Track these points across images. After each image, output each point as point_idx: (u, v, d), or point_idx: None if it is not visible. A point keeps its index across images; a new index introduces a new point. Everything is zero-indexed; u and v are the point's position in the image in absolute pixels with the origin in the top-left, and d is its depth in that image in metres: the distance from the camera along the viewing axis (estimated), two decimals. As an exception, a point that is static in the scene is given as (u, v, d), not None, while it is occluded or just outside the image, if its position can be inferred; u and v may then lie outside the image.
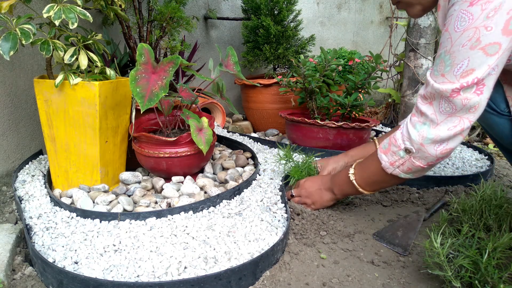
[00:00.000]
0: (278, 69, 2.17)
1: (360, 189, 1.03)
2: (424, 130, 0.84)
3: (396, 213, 1.16)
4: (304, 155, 1.30)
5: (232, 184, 1.26)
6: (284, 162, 1.31)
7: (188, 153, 1.24)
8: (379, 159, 0.95)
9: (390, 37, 2.22)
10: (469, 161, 1.60)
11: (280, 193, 1.21)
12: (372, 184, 1.01)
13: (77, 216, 1.07)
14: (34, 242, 0.96)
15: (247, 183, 1.26)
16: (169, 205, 1.14)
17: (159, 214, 1.05)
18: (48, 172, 1.30)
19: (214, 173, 1.39)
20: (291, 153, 1.30)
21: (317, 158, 1.51)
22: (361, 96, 1.63)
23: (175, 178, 1.27)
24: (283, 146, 1.63)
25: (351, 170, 1.04)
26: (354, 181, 1.03)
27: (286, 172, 1.29)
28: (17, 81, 1.44)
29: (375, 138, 1.24)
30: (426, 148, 0.85)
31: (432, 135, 0.84)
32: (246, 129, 2.09)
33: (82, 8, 1.06)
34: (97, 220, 1.04)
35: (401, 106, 2.10)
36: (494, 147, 1.93)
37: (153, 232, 0.99)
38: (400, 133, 0.90)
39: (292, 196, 1.17)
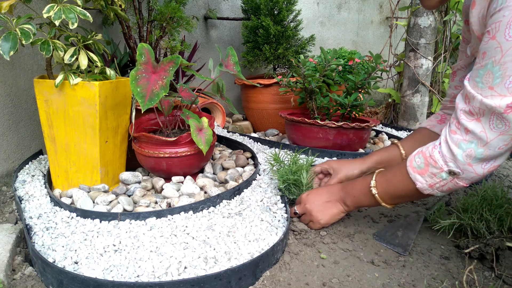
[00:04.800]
0: (278, 69, 2.17)
1: (382, 203, 0.96)
2: (472, 149, 0.77)
3: (396, 213, 1.16)
4: (305, 156, 1.30)
5: (232, 184, 1.26)
6: (276, 168, 1.30)
7: (188, 153, 1.24)
8: (413, 180, 0.87)
9: (390, 37, 2.22)
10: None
11: (280, 193, 1.21)
12: (396, 198, 0.94)
13: (77, 216, 1.07)
14: (34, 242, 0.96)
15: (247, 183, 1.26)
16: (169, 205, 1.14)
17: (159, 214, 1.05)
18: (48, 172, 1.30)
19: (214, 173, 1.39)
20: (296, 155, 1.29)
21: (317, 159, 1.51)
22: (361, 96, 1.63)
23: (175, 178, 1.27)
24: (280, 147, 1.64)
25: (372, 182, 0.95)
26: (376, 195, 0.95)
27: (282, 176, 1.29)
28: (17, 81, 1.44)
29: (397, 142, 1.17)
30: (474, 167, 0.78)
31: (481, 154, 0.77)
32: (246, 129, 2.09)
33: (82, 8, 1.06)
34: (97, 220, 1.04)
35: (401, 106, 2.10)
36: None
37: (153, 232, 0.99)
38: (439, 153, 0.82)
39: (295, 213, 1.08)
